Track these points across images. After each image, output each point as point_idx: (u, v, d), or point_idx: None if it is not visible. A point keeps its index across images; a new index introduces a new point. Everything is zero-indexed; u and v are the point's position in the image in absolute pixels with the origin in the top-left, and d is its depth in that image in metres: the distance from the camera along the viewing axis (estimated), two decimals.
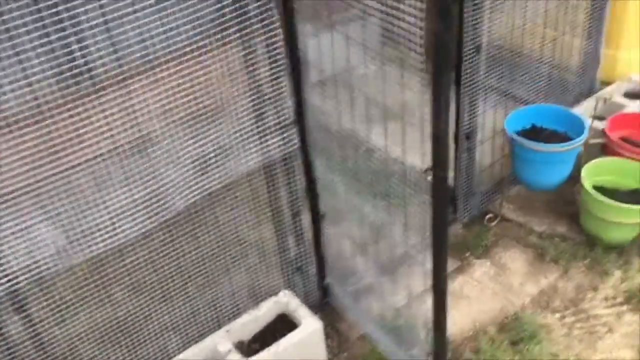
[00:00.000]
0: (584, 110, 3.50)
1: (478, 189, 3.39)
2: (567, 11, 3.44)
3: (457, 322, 2.84)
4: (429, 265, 2.10)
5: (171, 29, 1.89)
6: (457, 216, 3.37)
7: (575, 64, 3.64)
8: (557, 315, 2.86)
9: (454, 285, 3.03)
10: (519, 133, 3.29)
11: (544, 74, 3.47)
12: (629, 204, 3.01)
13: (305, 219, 2.65)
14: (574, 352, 2.70)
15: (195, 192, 2.19)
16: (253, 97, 2.23)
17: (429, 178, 1.93)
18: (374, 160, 2.23)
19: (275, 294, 2.63)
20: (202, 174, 2.20)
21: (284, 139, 2.36)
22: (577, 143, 3.04)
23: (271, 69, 2.21)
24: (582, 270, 3.06)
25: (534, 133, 3.29)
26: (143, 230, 2.12)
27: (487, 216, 3.38)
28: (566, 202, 3.39)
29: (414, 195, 2.06)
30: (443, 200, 1.98)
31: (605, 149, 3.31)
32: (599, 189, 3.22)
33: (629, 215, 3.00)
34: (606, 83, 3.87)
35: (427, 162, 1.92)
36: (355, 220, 2.53)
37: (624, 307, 2.86)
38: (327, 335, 2.74)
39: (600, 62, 3.69)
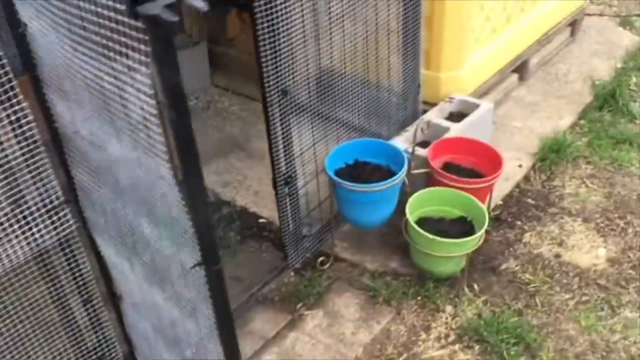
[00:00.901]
0: (405, 138, 3.43)
1: (308, 231, 3.22)
2: (381, 36, 3.34)
3: None
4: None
5: None
6: (288, 263, 3.19)
7: (397, 88, 3.57)
8: None
9: (286, 344, 2.83)
10: (342, 170, 3.15)
11: (367, 103, 3.35)
12: (452, 238, 2.95)
13: (102, 303, 2.34)
14: None
15: None
16: (3, 182, 1.90)
17: (201, 272, 1.68)
18: (149, 250, 1.96)
19: None
20: None
21: (54, 222, 2.04)
22: (394, 181, 2.94)
23: (25, 147, 1.89)
24: (415, 309, 2.96)
25: (358, 168, 3.17)
26: None
27: (320, 259, 3.21)
28: (399, 233, 3.30)
29: (191, 287, 1.81)
30: (221, 293, 1.74)
31: (431, 178, 3.25)
32: (426, 220, 3.16)
33: (453, 248, 2.94)
34: (433, 104, 3.84)
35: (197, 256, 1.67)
36: (148, 306, 2.25)
37: (456, 347, 2.78)
38: None
39: (420, 84, 3.64)
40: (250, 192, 3.68)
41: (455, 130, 3.53)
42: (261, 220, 3.48)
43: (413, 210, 3.12)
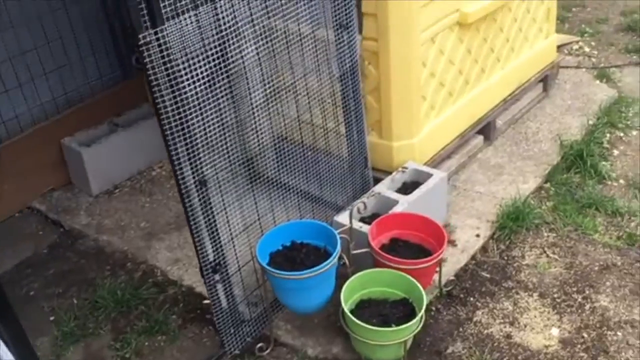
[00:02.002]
0: (350, 210, 3.33)
1: (248, 315, 3.12)
2: (321, 111, 3.29)
3: None
4: None
5: None
6: (225, 350, 3.08)
7: (344, 162, 3.49)
8: None
9: None
10: (278, 252, 3.07)
11: (312, 177, 3.28)
12: (394, 322, 2.83)
13: None
14: None
15: None
16: None
17: None
18: None
19: None
20: None
21: None
22: (324, 267, 2.83)
23: None
24: None
25: (294, 251, 3.07)
26: None
27: (258, 345, 3.09)
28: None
29: None
30: None
31: (373, 257, 3.14)
32: (368, 302, 3.04)
33: (390, 336, 2.81)
34: (388, 172, 3.75)
35: None
36: None
37: None
38: None
39: (367, 157, 3.55)
40: (198, 271, 3.59)
41: (405, 202, 3.42)
42: (206, 301, 3.39)
43: (354, 292, 3.01)
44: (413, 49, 3.53)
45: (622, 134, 4.48)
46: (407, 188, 3.63)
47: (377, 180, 3.70)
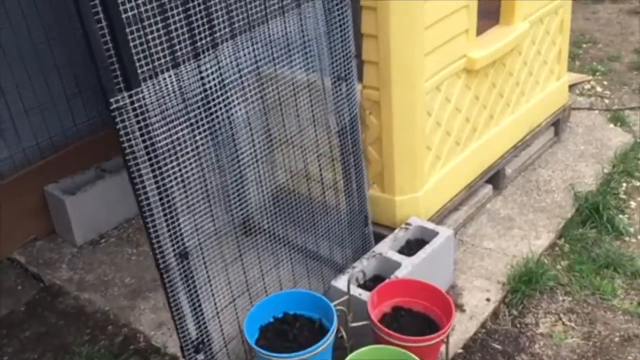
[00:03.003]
0: (351, 276, 3.06)
1: None
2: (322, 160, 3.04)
3: None
4: None
5: None
6: None
7: (342, 221, 3.23)
8: None
9: None
10: (269, 326, 2.80)
11: (309, 238, 3.03)
12: None
13: None
14: None
15: None
16: None
17: None
18: None
19: None
20: None
21: None
22: (322, 346, 2.56)
23: None
24: None
25: (286, 324, 2.80)
26: None
27: None
28: None
29: None
30: None
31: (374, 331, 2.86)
32: None
33: None
34: (391, 228, 3.49)
35: None
36: None
37: None
38: None
39: (367, 216, 3.29)
40: None
41: (409, 265, 3.15)
42: None
43: None
44: (417, 99, 3.28)
45: (638, 184, 4.22)
46: (411, 247, 3.36)
47: (379, 237, 3.44)
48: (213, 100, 2.33)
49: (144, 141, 2.16)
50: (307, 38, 2.59)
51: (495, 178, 4.10)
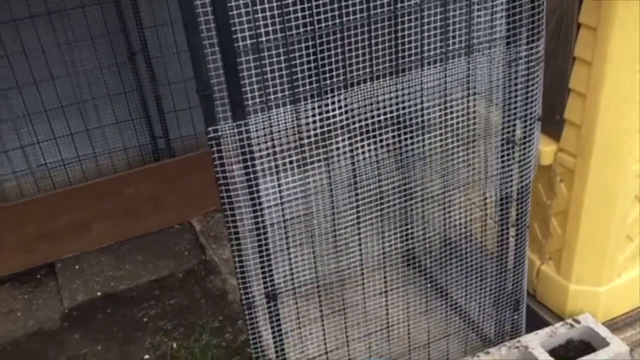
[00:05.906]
0: None
1: None
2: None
3: None
4: None
5: None
6: None
7: (490, 293, 2.77)
8: None
9: None
10: None
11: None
12: None
13: None
14: None
15: None
16: None
17: None
18: None
19: None
20: None
21: None
22: None
23: None
24: None
25: None
26: None
27: None
28: None
29: None
30: None
31: None
32: None
33: None
34: (556, 316, 2.95)
35: None
36: None
37: None
38: None
39: (521, 296, 2.78)
40: None
41: None
42: None
43: None
44: (621, 180, 2.65)
45: None
46: (569, 350, 2.78)
47: (539, 321, 2.91)
48: (336, 142, 2.09)
49: (247, 174, 2.01)
50: (472, 91, 2.18)
51: None
